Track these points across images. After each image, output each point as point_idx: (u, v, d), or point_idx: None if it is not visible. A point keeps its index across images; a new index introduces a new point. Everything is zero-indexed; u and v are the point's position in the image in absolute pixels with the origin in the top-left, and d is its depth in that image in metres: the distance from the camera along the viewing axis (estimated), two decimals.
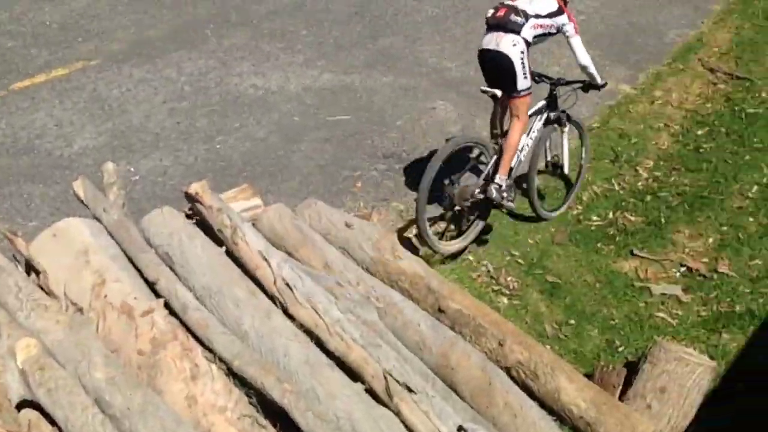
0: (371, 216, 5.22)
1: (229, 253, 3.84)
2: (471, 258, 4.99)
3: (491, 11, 4.89)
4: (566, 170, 5.36)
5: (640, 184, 5.73)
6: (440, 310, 3.89)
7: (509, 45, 4.69)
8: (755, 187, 5.63)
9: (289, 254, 4.03)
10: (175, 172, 5.61)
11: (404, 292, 3.97)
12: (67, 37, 7.21)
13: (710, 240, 5.17)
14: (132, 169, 5.63)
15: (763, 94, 6.59)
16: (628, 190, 5.68)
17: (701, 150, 6.04)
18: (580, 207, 5.51)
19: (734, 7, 7.97)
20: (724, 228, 5.27)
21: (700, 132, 6.24)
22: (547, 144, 5.25)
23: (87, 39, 7.21)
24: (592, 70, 5.03)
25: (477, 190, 4.80)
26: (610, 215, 5.43)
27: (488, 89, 4.89)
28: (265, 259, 3.72)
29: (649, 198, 5.58)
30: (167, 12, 7.70)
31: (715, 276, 4.85)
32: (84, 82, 6.60)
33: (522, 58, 4.71)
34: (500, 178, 4.83)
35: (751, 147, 6.03)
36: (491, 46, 4.79)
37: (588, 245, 5.15)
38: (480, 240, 5.08)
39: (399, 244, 4.21)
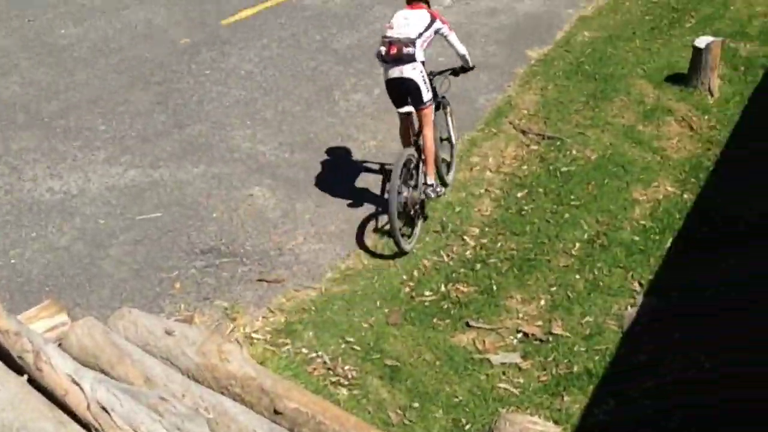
0: (193, 318, 5.11)
1: (33, 382, 3.61)
2: (305, 350, 4.97)
3: (383, 49, 5.86)
4: (454, 141, 6.71)
5: (468, 253, 5.96)
6: (276, 412, 3.82)
7: (411, 71, 5.83)
8: (578, 245, 6.00)
9: (105, 373, 3.84)
10: None
11: (236, 397, 3.88)
12: None
13: (542, 302, 5.45)
14: None
15: (574, 152, 7.09)
16: (457, 260, 5.89)
17: (523, 212, 6.39)
18: (411, 283, 5.65)
19: (536, 69, 8.60)
20: (554, 288, 5.57)
21: (519, 194, 6.61)
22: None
23: None
24: (468, 56, 6.33)
25: (421, 195, 6.02)
26: (443, 288, 5.60)
27: (403, 110, 5.96)
28: (76, 383, 3.52)
29: (479, 266, 5.81)
30: None
31: (551, 338, 5.09)
32: None
33: (423, 77, 5.88)
34: (431, 179, 6.12)
35: (569, 205, 6.45)
36: (396, 75, 5.86)
37: (424, 322, 5.27)
38: (316, 328, 5.09)
39: (226, 345, 4.12)
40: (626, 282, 5.66)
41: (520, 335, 5.16)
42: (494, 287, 5.57)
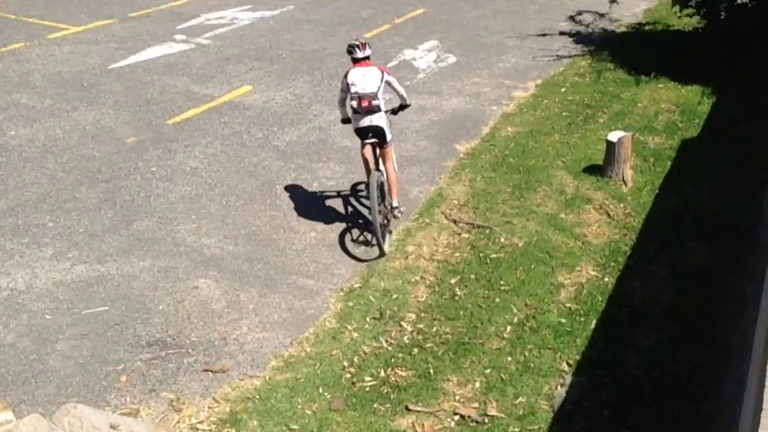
0: (139, 411, 4.96)
1: None
2: None
3: (354, 103, 6.77)
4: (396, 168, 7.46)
5: (406, 338, 5.95)
6: None
7: (379, 119, 6.86)
8: (509, 328, 6.05)
9: None
10: None
11: None
12: None
13: (477, 384, 5.44)
14: None
15: (502, 240, 7.21)
16: (396, 345, 5.87)
17: (456, 298, 6.43)
18: (352, 369, 5.60)
19: (465, 163, 8.78)
20: (488, 370, 5.58)
21: (452, 280, 6.66)
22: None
23: None
24: (406, 95, 7.24)
25: (389, 215, 7.10)
26: (382, 373, 5.56)
27: (369, 141, 6.91)
28: None
29: (416, 351, 5.79)
30: None
31: (487, 419, 5.07)
32: None
33: (388, 123, 6.97)
34: (395, 203, 7.18)
35: (499, 290, 6.52)
36: (367, 124, 6.86)
37: (365, 407, 5.21)
38: (260, 416, 4.98)
39: None
40: (555, 363, 5.70)
41: (457, 417, 5.13)
42: (431, 371, 5.56)
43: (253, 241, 7.15)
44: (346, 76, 6.89)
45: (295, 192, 8.05)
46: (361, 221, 7.54)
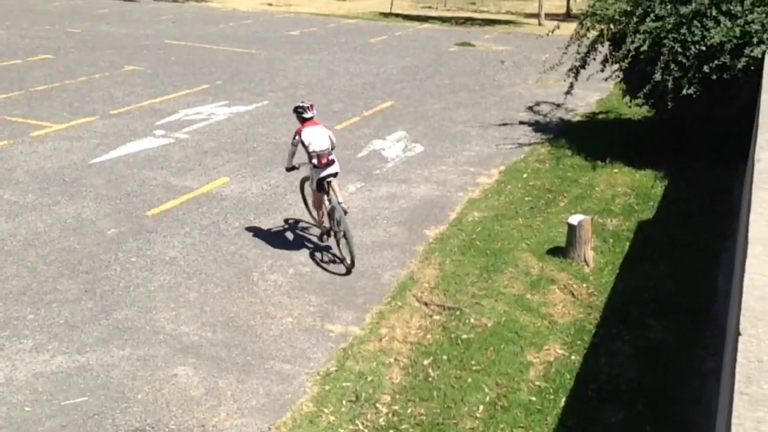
0: None
1: None
2: None
3: (315, 161, 8.00)
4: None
5: (381, 420, 5.88)
6: None
7: (337, 167, 8.21)
8: (481, 407, 6.01)
9: None
10: None
11: None
12: None
13: None
14: None
15: (472, 320, 7.23)
16: (371, 428, 5.79)
17: (429, 379, 6.39)
18: None
19: (434, 247, 8.86)
20: None
21: (425, 362, 6.63)
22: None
23: None
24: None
25: (341, 211, 8.15)
26: None
27: (328, 179, 8.13)
28: None
29: None
30: None
31: None
32: None
33: (337, 169, 8.27)
34: (341, 198, 8.30)
35: (471, 369, 6.50)
36: (327, 173, 8.11)
37: None
38: None
39: None
40: None
41: None
42: None
43: (231, 328, 7.10)
44: (299, 134, 8.03)
45: (271, 279, 8.05)
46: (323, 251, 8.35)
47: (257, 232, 9.15)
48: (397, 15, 32.62)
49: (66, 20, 26.69)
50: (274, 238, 8.98)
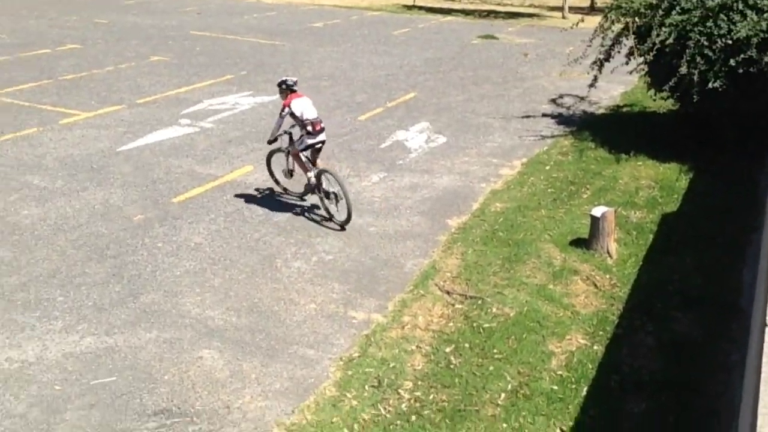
0: None
1: None
2: None
3: (310, 128, 8.77)
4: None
5: (404, 405, 5.91)
6: None
7: (324, 135, 9.02)
8: (503, 395, 6.02)
9: None
10: None
11: None
12: None
13: None
14: None
15: (494, 310, 7.23)
16: (394, 413, 5.83)
17: (451, 366, 6.41)
18: None
19: (457, 237, 8.87)
20: None
21: (447, 349, 6.65)
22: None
23: None
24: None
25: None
26: None
27: (319, 144, 9.00)
28: None
29: (414, 418, 5.75)
30: None
31: None
32: None
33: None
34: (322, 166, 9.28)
35: (492, 358, 6.51)
36: (320, 139, 8.97)
37: None
38: None
39: None
40: (549, 429, 5.66)
41: None
42: None
43: (255, 313, 7.16)
44: (288, 106, 8.76)
45: (294, 266, 8.10)
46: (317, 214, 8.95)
47: (281, 219, 9.21)
48: (420, 7, 32.56)
49: (93, 11, 26.93)
50: (297, 226, 9.04)
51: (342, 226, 8.94)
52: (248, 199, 9.78)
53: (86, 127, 12.46)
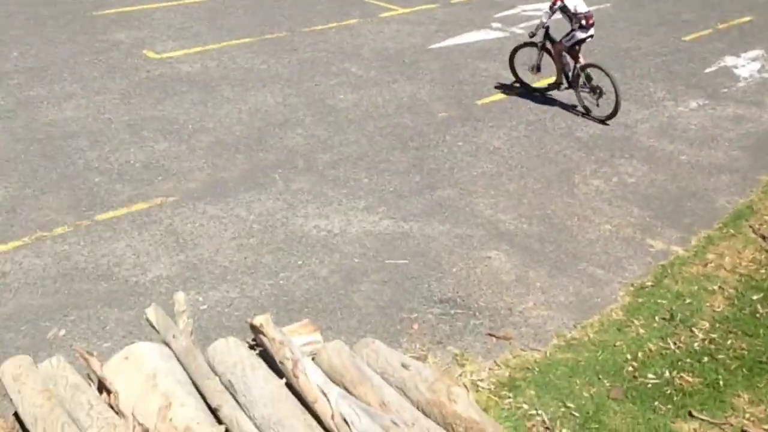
0: (426, 358, 5.14)
1: (289, 385, 3.77)
2: (526, 406, 4.83)
3: (584, 21, 8.86)
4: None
5: (696, 345, 5.57)
6: None
7: (593, 30, 9.08)
8: None
9: (347, 390, 3.94)
10: (240, 304, 5.64)
11: None
12: (149, 176, 7.48)
13: None
14: (201, 299, 5.68)
15: None
16: (684, 350, 5.51)
17: (758, 315, 5.89)
18: (635, 363, 5.35)
19: None
20: None
21: (755, 297, 6.11)
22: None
23: (166, 178, 7.47)
24: None
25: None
26: (667, 374, 5.24)
27: (587, 36, 9.03)
28: (324, 394, 3.65)
29: (706, 359, 5.40)
30: (240, 157, 7.98)
31: None
32: (161, 216, 6.79)
33: None
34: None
35: None
36: (588, 34, 8.99)
37: (645, 403, 4.96)
38: (538, 387, 4.96)
39: (455, 387, 4.09)
40: None
41: None
42: (721, 383, 5.14)
43: (546, 224, 7.09)
44: (561, 0, 8.88)
45: (593, 183, 7.85)
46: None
47: (584, 135, 8.92)
48: None
49: None
50: (600, 144, 8.71)
51: (604, 121, 9.14)
52: (552, 110, 9.58)
53: (402, 23, 12.90)
